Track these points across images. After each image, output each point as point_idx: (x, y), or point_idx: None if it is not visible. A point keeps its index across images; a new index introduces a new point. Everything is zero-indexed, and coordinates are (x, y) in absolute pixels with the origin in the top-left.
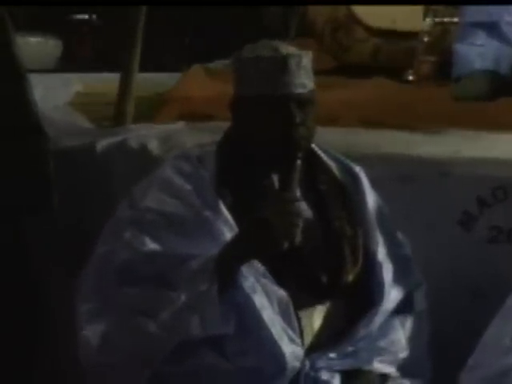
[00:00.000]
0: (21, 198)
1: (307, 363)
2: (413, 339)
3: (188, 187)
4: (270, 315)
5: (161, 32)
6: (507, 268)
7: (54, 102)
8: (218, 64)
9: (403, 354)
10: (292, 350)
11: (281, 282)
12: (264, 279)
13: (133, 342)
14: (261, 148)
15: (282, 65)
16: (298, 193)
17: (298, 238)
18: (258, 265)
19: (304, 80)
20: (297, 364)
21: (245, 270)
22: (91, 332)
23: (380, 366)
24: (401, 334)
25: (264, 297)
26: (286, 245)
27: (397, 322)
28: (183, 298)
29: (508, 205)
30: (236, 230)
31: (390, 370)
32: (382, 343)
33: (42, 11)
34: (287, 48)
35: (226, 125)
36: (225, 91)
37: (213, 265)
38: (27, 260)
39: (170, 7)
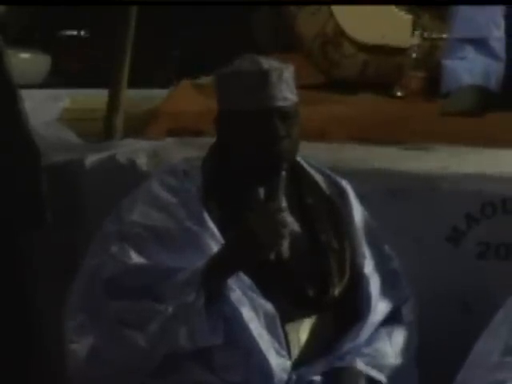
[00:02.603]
0: (13, 214)
1: (293, 377)
2: (400, 352)
3: (174, 201)
4: (257, 327)
5: (149, 46)
6: (495, 284)
7: (44, 117)
8: (207, 79)
9: (387, 361)
10: (279, 362)
11: (268, 296)
12: (251, 292)
13: (121, 354)
14: (246, 161)
15: (263, 79)
16: (284, 203)
17: (285, 249)
18: (244, 278)
19: (286, 93)
20: (284, 376)
21: (232, 282)
22: (79, 345)
23: (362, 366)
24: (387, 345)
25: (251, 310)
26: (272, 255)
27: (383, 332)
28: (170, 310)
29: (496, 221)
30: (222, 243)
31: (373, 372)
32: (366, 350)
33: (31, 26)
34: (268, 62)
35: (214, 140)
36: (214, 106)
37: (199, 276)
38: (19, 275)
39: (159, 19)
